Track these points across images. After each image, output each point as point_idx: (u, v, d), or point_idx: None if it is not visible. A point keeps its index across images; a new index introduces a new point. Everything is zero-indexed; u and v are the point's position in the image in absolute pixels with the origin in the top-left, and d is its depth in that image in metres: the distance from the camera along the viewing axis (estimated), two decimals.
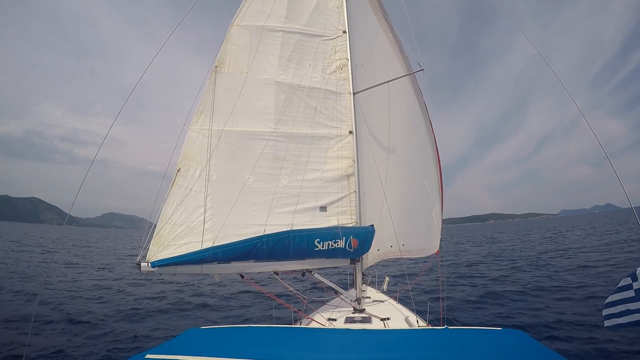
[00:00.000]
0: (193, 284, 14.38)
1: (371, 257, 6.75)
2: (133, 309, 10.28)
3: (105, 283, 14.82)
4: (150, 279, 15.05)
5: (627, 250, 20.37)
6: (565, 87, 4.07)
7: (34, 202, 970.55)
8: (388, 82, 6.25)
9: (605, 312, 3.50)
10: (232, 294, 12.52)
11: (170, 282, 14.69)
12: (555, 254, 21.40)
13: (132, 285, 14.40)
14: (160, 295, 12.23)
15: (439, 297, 8.71)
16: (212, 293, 12.71)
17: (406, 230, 6.77)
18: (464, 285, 12.95)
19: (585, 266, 15.63)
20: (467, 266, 18.69)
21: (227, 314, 9.78)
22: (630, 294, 3.21)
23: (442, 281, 9.89)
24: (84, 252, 30.86)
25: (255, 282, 5.21)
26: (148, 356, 2.48)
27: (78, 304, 10.49)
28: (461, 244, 39.15)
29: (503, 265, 18.52)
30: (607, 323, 3.46)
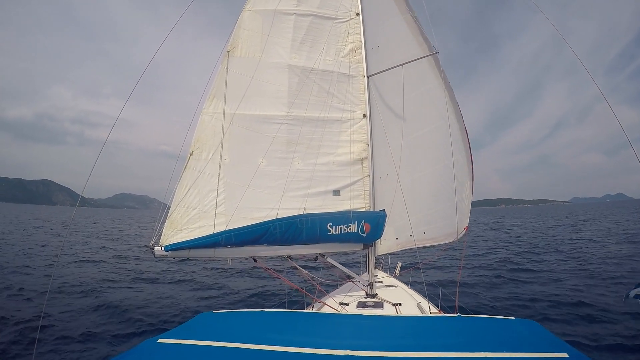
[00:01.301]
0: (207, 265, 14.53)
1: (387, 245, 6.61)
2: (146, 290, 10.52)
3: (115, 264, 15.11)
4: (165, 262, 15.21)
5: None
6: (586, 68, 3.95)
7: (46, 184, 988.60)
8: (403, 64, 6.09)
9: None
10: (243, 275, 12.66)
11: (175, 263, 14.85)
12: (576, 243, 21.05)
13: (143, 262, 14.66)
14: (173, 278, 12.43)
15: (451, 283, 8.63)
16: (222, 275, 12.86)
17: (430, 217, 6.53)
18: (479, 274, 12.61)
19: (613, 257, 15.08)
20: (483, 253, 18.20)
21: (238, 297, 9.89)
22: None
23: (460, 266, 9.78)
24: (95, 233, 31.42)
25: (268, 266, 5.23)
26: (160, 340, 2.50)
27: (90, 284, 10.70)
28: (471, 228, 38.65)
29: (518, 251, 18.28)
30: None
